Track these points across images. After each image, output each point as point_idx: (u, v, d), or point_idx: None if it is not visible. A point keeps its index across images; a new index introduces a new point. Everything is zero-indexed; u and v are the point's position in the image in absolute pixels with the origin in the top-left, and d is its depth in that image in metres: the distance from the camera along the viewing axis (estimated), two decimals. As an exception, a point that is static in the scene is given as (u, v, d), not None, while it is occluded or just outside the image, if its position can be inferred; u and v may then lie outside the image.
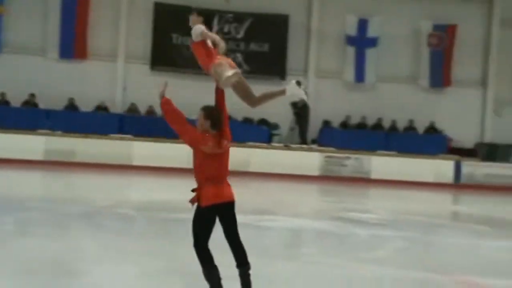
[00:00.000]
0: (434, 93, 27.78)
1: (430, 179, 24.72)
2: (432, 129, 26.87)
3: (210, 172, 6.11)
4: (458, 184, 25.13)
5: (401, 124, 26.83)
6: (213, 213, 6.12)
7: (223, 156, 6.18)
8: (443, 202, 21.27)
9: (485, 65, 28.05)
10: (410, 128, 26.89)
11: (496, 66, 27.88)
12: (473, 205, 20.57)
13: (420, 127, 26.87)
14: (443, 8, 27.47)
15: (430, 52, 27.58)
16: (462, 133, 27.07)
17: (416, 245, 10.63)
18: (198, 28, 6.63)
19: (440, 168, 25.35)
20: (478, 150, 26.93)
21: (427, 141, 26.31)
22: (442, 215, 17.20)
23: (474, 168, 25.57)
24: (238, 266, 6.19)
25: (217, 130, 6.10)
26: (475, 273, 8.32)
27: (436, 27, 27.50)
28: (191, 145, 6.14)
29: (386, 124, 26.88)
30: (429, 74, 27.63)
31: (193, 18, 6.81)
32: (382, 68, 27.17)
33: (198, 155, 6.12)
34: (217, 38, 6.70)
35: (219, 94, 6.28)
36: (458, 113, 27.27)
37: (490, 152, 26.57)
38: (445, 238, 12.42)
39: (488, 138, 27.68)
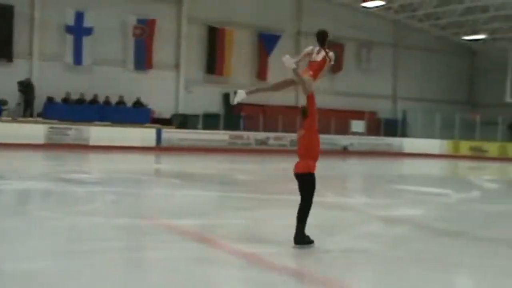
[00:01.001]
0: (139, 74, 28.18)
1: (137, 144, 25.22)
2: (138, 103, 27.28)
3: None
4: (159, 147, 26.00)
5: (114, 100, 26.82)
6: None
7: None
8: (147, 162, 21.79)
9: (177, 52, 29.19)
10: (121, 102, 26.99)
11: (185, 53, 29.20)
12: (170, 163, 21.42)
13: (129, 102, 27.13)
14: (145, 6, 27.94)
15: (135, 41, 27.89)
16: (162, 106, 27.99)
17: (125, 197, 10.79)
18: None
19: (145, 135, 25.99)
20: (173, 119, 28.03)
21: (135, 113, 26.73)
22: (146, 172, 17.65)
23: (171, 134, 26.62)
24: None
25: None
26: (170, 217, 8.70)
27: (139, 21, 27.87)
28: None
29: (101, 99, 26.66)
30: (134, 59, 27.97)
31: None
32: (97, 53, 26.84)
33: None
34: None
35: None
36: (158, 90, 28.11)
37: (182, 121, 27.84)
38: (148, 190, 12.84)
39: (181, 110, 28.94)
